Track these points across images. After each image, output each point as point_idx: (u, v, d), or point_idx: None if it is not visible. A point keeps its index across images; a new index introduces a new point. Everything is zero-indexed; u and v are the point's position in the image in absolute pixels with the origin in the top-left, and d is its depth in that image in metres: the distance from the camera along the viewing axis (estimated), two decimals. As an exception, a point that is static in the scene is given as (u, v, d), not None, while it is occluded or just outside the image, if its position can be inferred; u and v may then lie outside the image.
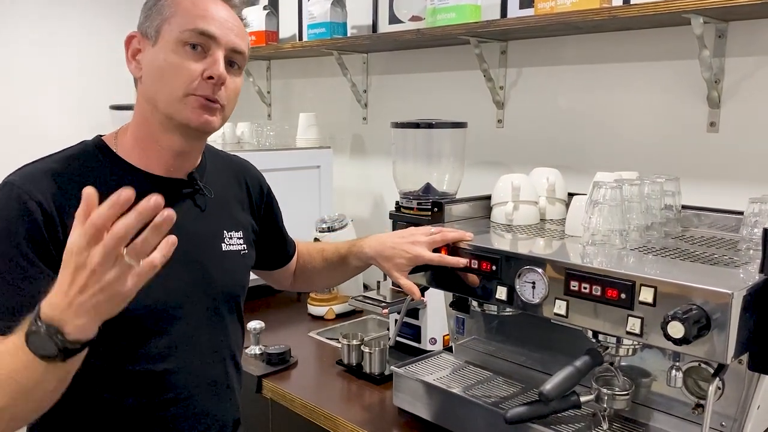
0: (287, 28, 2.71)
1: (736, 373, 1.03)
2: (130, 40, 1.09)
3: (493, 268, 1.17)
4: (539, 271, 1.09)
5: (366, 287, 2.24)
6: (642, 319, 0.97)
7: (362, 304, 1.73)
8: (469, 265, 1.21)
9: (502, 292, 1.15)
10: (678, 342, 0.90)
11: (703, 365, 1.06)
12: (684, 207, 1.39)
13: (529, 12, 1.78)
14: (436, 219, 1.44)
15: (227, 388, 1.20)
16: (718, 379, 0.97)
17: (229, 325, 1.21)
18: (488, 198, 1.51)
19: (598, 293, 1.02)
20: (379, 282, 1.78)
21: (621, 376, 1.14)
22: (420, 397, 1.36)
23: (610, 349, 1.10)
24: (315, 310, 2.12)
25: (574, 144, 1.84)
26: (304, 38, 2.43)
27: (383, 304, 1.68)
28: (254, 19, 2.57)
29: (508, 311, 1.34)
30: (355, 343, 1.67)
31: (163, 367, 1.08)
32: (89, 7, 2.89)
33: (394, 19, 2.26)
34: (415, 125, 1.81)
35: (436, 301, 1.62)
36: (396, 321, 1.63)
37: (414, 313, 1.71)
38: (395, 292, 1.73)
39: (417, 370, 1.43)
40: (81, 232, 0.76)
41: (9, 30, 2.68)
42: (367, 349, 1.63)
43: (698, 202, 1.42)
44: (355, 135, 2.53)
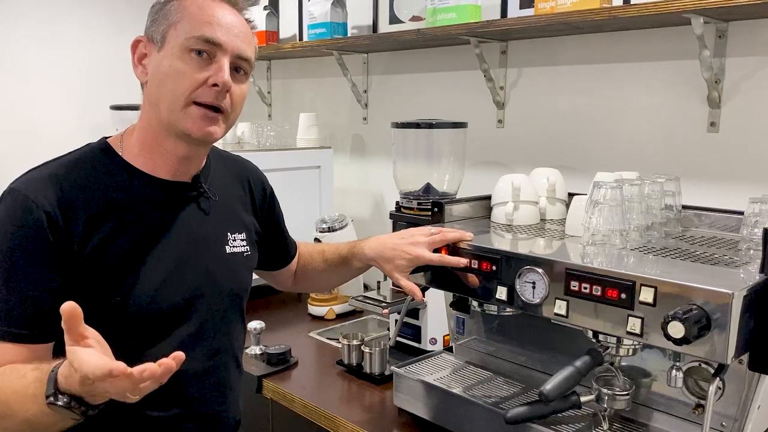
0: (287, 28, 2.71)
1: (737, 373, 1.03)
2: (136, 44, 1.09)
3: (494, 268, 1.17)
4: (539, 271, 1.09)
5: (366, 287, 2.24)
6: (642, 319, 0.97)
7: (362, 304, 1.73)
8: (469, 265, 1.21)
9: (502, 292, 1.15)
10: (678, 342, 0.90)
11: (704, 365, 1.06)
12: (684, 207, 1.39)
13: (529, 12, 1.78)
14: (437, 219, 1.44)
15: (229, 388, 1.20)
16: (718, 379, 0.97)
17: (233, 327, 1.22)
18: (488, 198, 1.51)
19: (599, 293, 1.01)
20: (379, 282, 1.79)
21: (621, 376, 1.14)
22: (420, 398, 1.36)
23: (610, 349, 1.10)
24: (315, 310, 2.12)
25: (575, 144, 1.84)
26: (305, 38, 2.43)
27: (383, 305, 1.68)
28: (254, 19, 2.57)
29: (509, 311, 1.34)
30: (355, 343, 1.67)
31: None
32: (90, 8, 2.89)
33: (394, 19, 2.26)
34: (416, 125, 1.81)
35: (437, 301, 1.62)
36: (396, 321, 1.63)
37: (414, 313, 1.71)
38: (395, 292, 1.73)
39: (417, 370, 1.43)
40: (86, 373, 0.78)
41: (10, 30, 2.68)
42: (367, 349, 1.63)
43: (698, 202, 1.42)
44: (356, 135, 2.53)
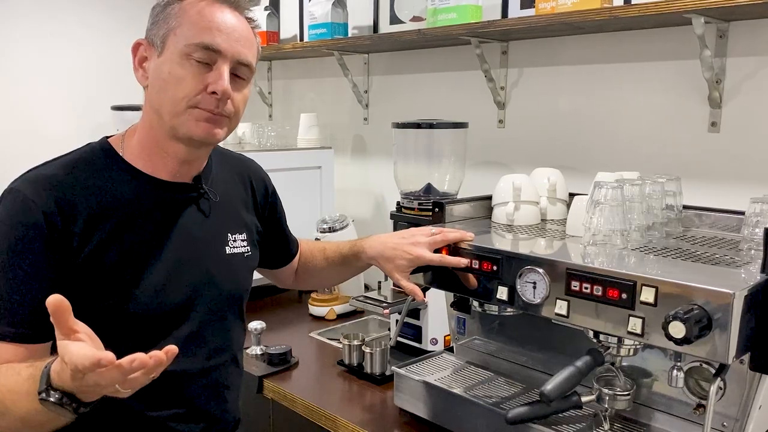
0: (288, 28, 2.71)
1: (738, 373, 1.03)
2: (137, 47, 1.08)
3: (494, 268, 1.16)
4: (540, 271, 1.09)
5: (367, 287, 2.24)
6: (643, 319, 0.97)
7: (363, 304, 1.73)
8: (470, 265, 1.21)
9: (503, 293, 1.15)
10: (679, 342, 0.90)
11: (705, 365, 1.05)
12: (685, 207, 1.39)
13: (530, 12, 1.78)
14: (437, 219, 1.44)
15: (228, 388, 1.21)
16: (719, 379, 0.97)
17: (232, 327, 1.22)
18: (489, 198, 1.51)
19: (599, 293, 1.01)
20: (380, 282, 1.78)
21: (622, 377, 1.14)
22: (421, 398, 1.36)
23: (611, 349, 1.10)
24: (316, 310, 2.12)
25: (575, 144, 1.84)
26: (305, 39, 2.43)
27: (384, 305, 1.68)
28: (257, 18, 2.57)
29: (509, 311, 1.34)
30: (356, 343, 1.67)
31: (170, 368, 1.08)
32: (91, 7, 2.89)
33: (395, 20, 2.26)
34: (416, 125, 1.81)
35: (437, 301, 1.62)
36: (397, 321, 1.63)
37: (415, 313, 1.71)
38: (396, 292, 1.73)
39: (418, 371, 1.43)
40: (76, 365, 0.78)
41: (10, 29, 2.69)
42: (368, 350, 1.63)
43: (699, 202, 1.42)
44: (356, 135, 2.53)
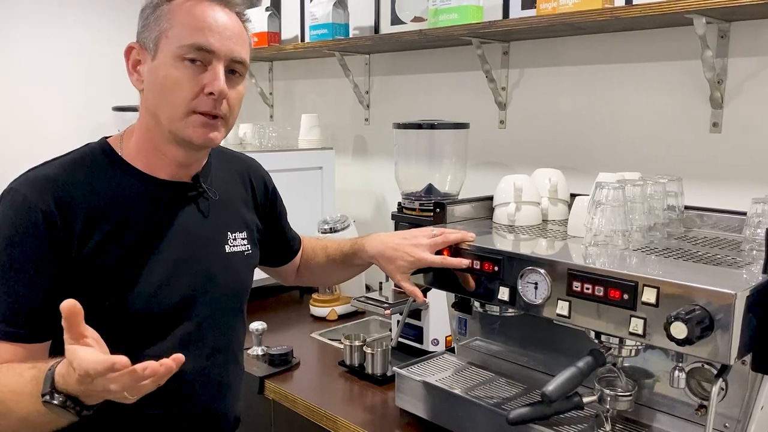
0: (289, 29, 2.71)
1: (740, 374, 1.03)
2: (129, 51, 1.08)
3: (495, 268, 1.16)
4: (541, 271, 1.09)
5: (368, 288, 2.24)
6: (645, 320, 0.97)
7: (364, 305, 1.73)
8: (471, 266, 1.21)
9: (504, 293, 1.15)
10: (681, 343, 0.90)
11: (707, 366, 1.05)
12: (687, 207, 1.38)
13: (531, 13, 1.77)
14: (438, 220, 1.44)
15: (229, 386, 1.21)
16: (721, 379, 0.97)
17: (233, 325, 1.22)
18: (490, 199, 1.51)
19: (601, 294, 1.01)
20: (381, 283, 1.79)
21: (624, 377, 1.14)
22: (422, 398, 1.36)
23: (612, 350, 1.10)
24: (317, 311, 2.12)
25: (577, 145, 1.84)
26: (307, 39, 2.43)
27: (385, 305, 1.68)
28: (256, 20, 2.57)
29: (511, 312, 1.34)
30: (357, 344, 1.67)
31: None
32: (91, 9, 2.90)
33: (396, 20, 2.26)
34: (418, 126, 1.81)
35: (439, 302, 1.62)
36: (398, 322, 1.63)
37: (416, 314, 1.71)
38: (397, 293, 1.73)
39: (419, 371, 1.43)
40: (86, 369, 0.78)
41: (11, 31, 2.69)
42: (369, 350, 1.63)
43: (701, 203, 1.42)
44: (358, 136, 2.53)
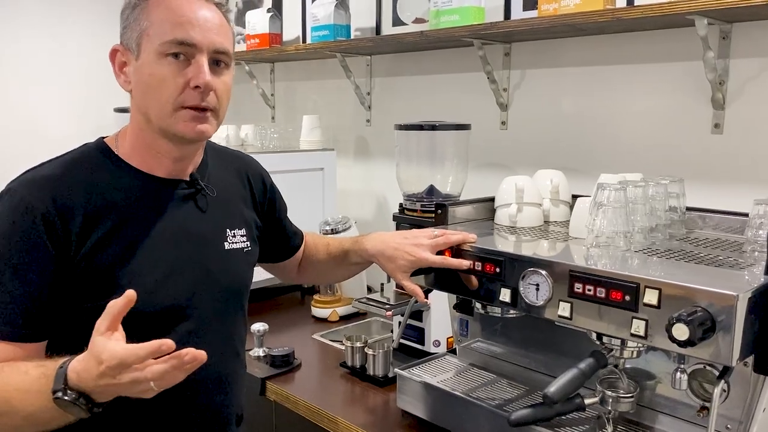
0: (291, 30, 2.71)
1: (742, 376, 1.03)
2: (114, 54, 1.09)
3: (497, 270, 1.16)
4: (543, 273, 1.09)
5: (370, 289, 2.23)
6: (646, 321, 0.97)
7: (366, 306, 1.73)
8: (472, 267, 1.21)
9: (505, 294, 1.15)
10: (683, 344, 0.90)
11: (708, 367, 1.05)
12: (688, 209, 1.38)
13: (532, 14, 1.78)
14: (440, 221, 1.44)
15: (231, 383, 1.21)
16: (723, 381, 0.97)
17: (233, 322, 1.22)
18: (492, 200, 1.51)
19: (603, 295, 1.01)
20: (382, 284, 1.79)
21: (625, 379, 1.14)
22: (424, 400, 1.36)
23: (614, 352, 1.10)
24: (319, 312, 2.12)
25: (578, 146, 1.84)
26: (308, 40, 2.43)
27: (387, 307, 1.68)
28: (258, 21, 2.58)
29: (512, 313, 1.33)
30: (358, 345, 1.67)
31: None
32: (92, 10, 2.90)
33: (397, 22, 2.26)
34: (419, 127, 1.81)
35: (440, 303, 1.62)
36: (400, 323, 1.63)
37: (418, 315, 1.71)
38: (399, 294, 1.73)
39: (421, 373, 1.43)
40: (121, 358, 0.83)
41: (13, 32, 2.70)
42: (370, 351, 1.63)
43: (703, 204, 1.42)
44: (359, 137, 2.53)
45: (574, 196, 1.47)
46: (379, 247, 1.30)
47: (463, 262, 1.21)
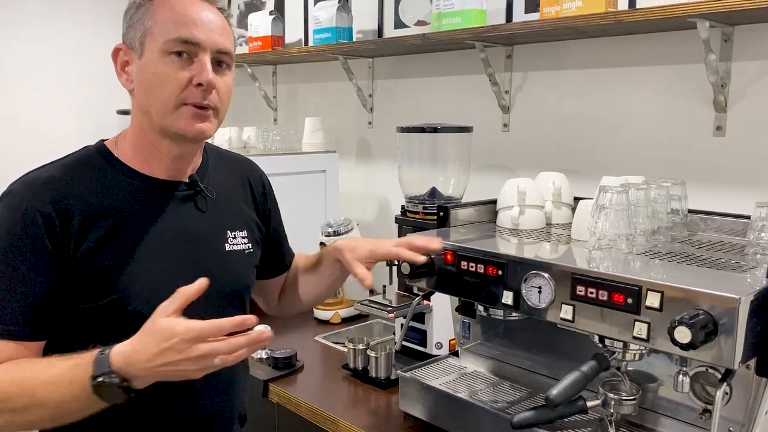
0: (293, 33, 2.72)
1: (744, 378, 1.03)
2: (117, 53, 1.10)
3: (499, 272, 1.16)
4: (545, 275, 1.09)
5: (372, 291, 2.24)
6: (649, 324, 0.97)
7: (368, 308, 1.73)
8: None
9: (508, 297, 1.15)
10: (685, 347, 0.90)
11: (711, 370, 1.05)
12: (690, 211, 1.38)
13: (534, 16, 1.78)
14: (442, 223, 1.44)
15: (233, 385, 1.21)
16: (725, 384, 0.97)
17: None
18: (494, 202, 1.51)
19: (605, 298, 1.01)
20: (384, 287, 1.79)
21: (628, 381, 1.14)
22: (426, 402, 1.36)
23: (616, 354, 1.10)
24: (321, 314, 2.12)
25: (580, 148, 1.84)
26: (310, 43, 2.44)
27: (389, 309, 1.68)
28: (260, 24, 2.58)
29: (514, 316, 1.33)
30: (361, 347, 1.67)
31: None
32: (94, 13, 2.91)
33: (399, 24, 2.26)
34: (421, 129, 1.81)
35: (442, 305, 1.62)
36: (402, 325, 1.63)
37: (420, 317, 1.71)
38: (401, 296, 1.73)
39: (423, 375, 1.43)
40: (197, 329, 0.89)
41: (16, 34, 2.70)
42: (373, 354, 1.63)
43: (705, 206, 1.42)
44: (361, 139, 2.54)
45: (576, 199, 1.47)
46: (347, 242, 1.30)
47: (419, 258, 1.22)
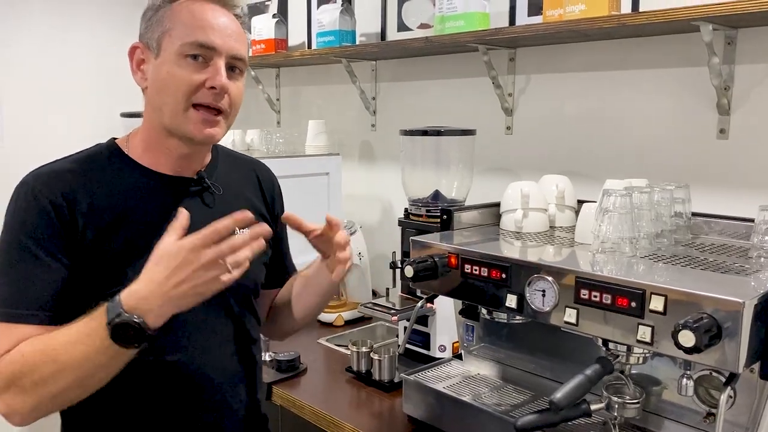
0: (296, 36, 2.72)
1: (748, 382, 1.03)
2: (133, 51, 1.12)
3: (503, 276, 1.17)
4: (549, 279, 1.09)
5: (375, 294, 2.24)
6: (652, 328, 0.97)
7: (371, 311, 1.73)
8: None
9: (511, 300, 1.15)
10: (689, 351, 0.90)
11: (715, 374, 1.05)
12: (694, 214, 1.38)
13: (537, 19, 1.78)
14: (445, 226, 1.45)
15: (242, 381, 1.21)
16: (729, 387, 0.97)
17: (241, 317, 1.22)
18: (497, 205, 1.52)
19: (609, 301, 1.01)
20: (388, 289, 1.79)
21: (631, 385, 1.14)
22: (429, 405, 1.36)
23: (620, 358, 1.10)
24: (324, 316, 2.12)
25: (584, 151, 1.84)
26: (313, 46, 2.44)
27: (392, 311, 1.68)
28: (263, 27, 2.59)
29: (518, 319, 1.33)
30: (364, 350, 1.68)
31: (176, 358, 1.10)
32: (99, 16, 2.92)
33: (402, 27, 2.27)
34: (424, 132, 1.82)
35: (446, 308, 1.62)
36: (405, 328, 1.63)
37: (423, 320, 1.71)
38: (404, 299, 1.73)
39: (426, 378, 1.43)
40: (200, 236, 0.92)
41: (21, 37, 2.71)
42: (376, 356, 1.63)
43: (708, 210, 1.42)
44: (364, 142, 2.54)
45: (580, 202, 1.47)
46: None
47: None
